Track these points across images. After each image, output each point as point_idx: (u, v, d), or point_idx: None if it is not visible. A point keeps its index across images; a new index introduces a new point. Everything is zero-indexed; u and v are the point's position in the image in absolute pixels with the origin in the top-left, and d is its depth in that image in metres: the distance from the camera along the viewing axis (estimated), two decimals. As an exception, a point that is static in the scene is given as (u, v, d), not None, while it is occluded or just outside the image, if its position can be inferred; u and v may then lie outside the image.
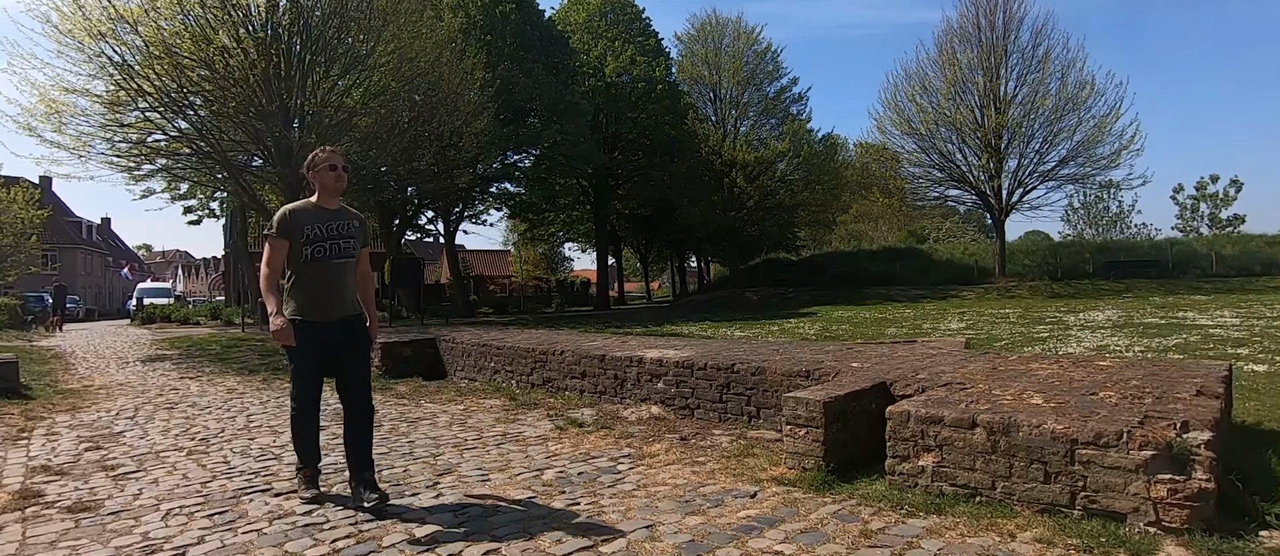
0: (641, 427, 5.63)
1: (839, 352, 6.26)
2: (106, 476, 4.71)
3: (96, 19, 14.04)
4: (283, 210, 3.75)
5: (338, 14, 16.60)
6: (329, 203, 3.82)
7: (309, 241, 3.67)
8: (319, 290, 3.70)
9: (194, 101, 16.06)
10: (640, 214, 39.81)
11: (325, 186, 3.80)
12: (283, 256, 3.70)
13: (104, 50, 14.39)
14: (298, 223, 3.68)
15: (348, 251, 3.79)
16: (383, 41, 17.22)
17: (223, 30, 15.34)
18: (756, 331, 17.76)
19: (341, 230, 3.77)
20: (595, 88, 32.03)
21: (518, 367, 8.20)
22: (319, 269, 3.70)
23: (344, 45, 17.05)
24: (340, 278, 3.76)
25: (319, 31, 16.70)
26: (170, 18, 14.72)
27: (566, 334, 9.58)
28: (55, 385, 9.75)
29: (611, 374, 6.88)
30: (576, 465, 4.46)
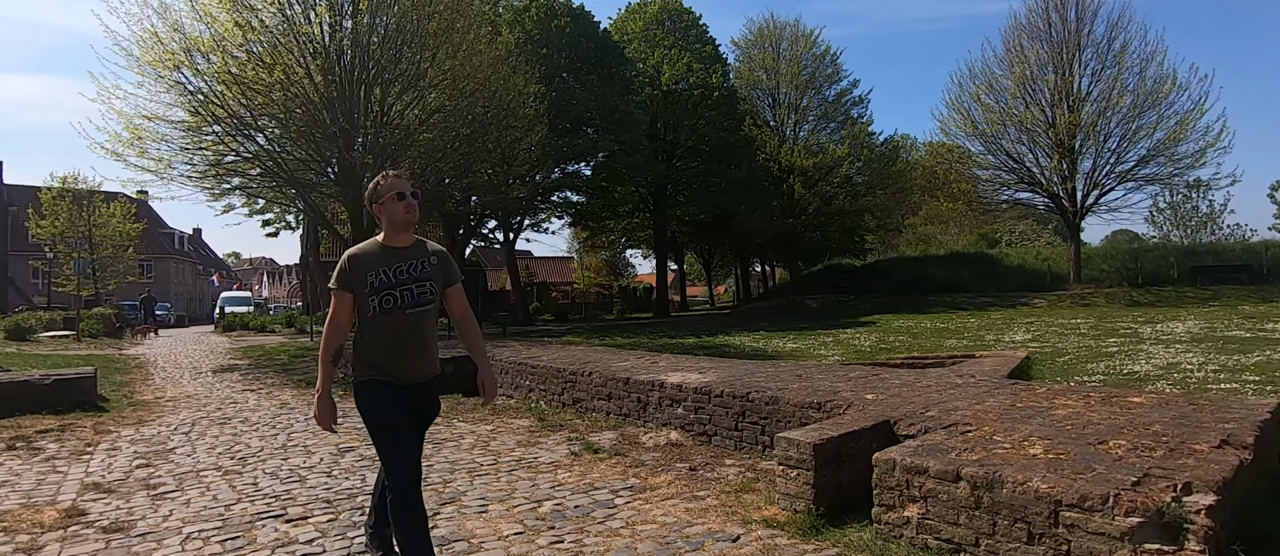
0: (656, 455, 5.64)
1: (861, 381, 6.12)
2: (147, 496, 5.01)
3: (172, 50, 14.96)
4: (344, 257, 3.10)
5: (395, 36, 17.20)
6: (399, 239, 3.12)
7: (374, 291, 3.00)
8: (391, 346, 3.03)
9: (263, 124, 16.91)
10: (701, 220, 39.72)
11: (393, 220, 3.09)
12: (347, 312, 3.09)
13: (180, 79, 15.32)
14: (359, 271, 3.03)
15: (424, 298, 3.07)
16: (437, 61, 17.73)
17: (286, 56, 16.08)
18: (808, 343, 17.48)
19: (414, 272, 3.07)
20: (651, 96, 32.16)
21: (550, 387, 8.32)
22: (390, 322, 3.02)
23: (401, 66, 17.63)
24: (416, 330, 3.07)
25: (377, 54, 17.35)
26: (237, 48, 15.53)
27: (600, 352, 9.66)
28: (130, 396, 10.39)
29: (635, 397, 6.91)
30: (577, 497, 4.51)
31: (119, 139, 15.65)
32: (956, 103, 29.65)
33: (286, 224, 35.99)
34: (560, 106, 27.70)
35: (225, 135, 16.63)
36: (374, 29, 17.25)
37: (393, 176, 3.17)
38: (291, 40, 16.33)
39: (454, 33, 17.97)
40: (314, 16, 16.16)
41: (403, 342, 3.04)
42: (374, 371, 3.05)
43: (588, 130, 28.07)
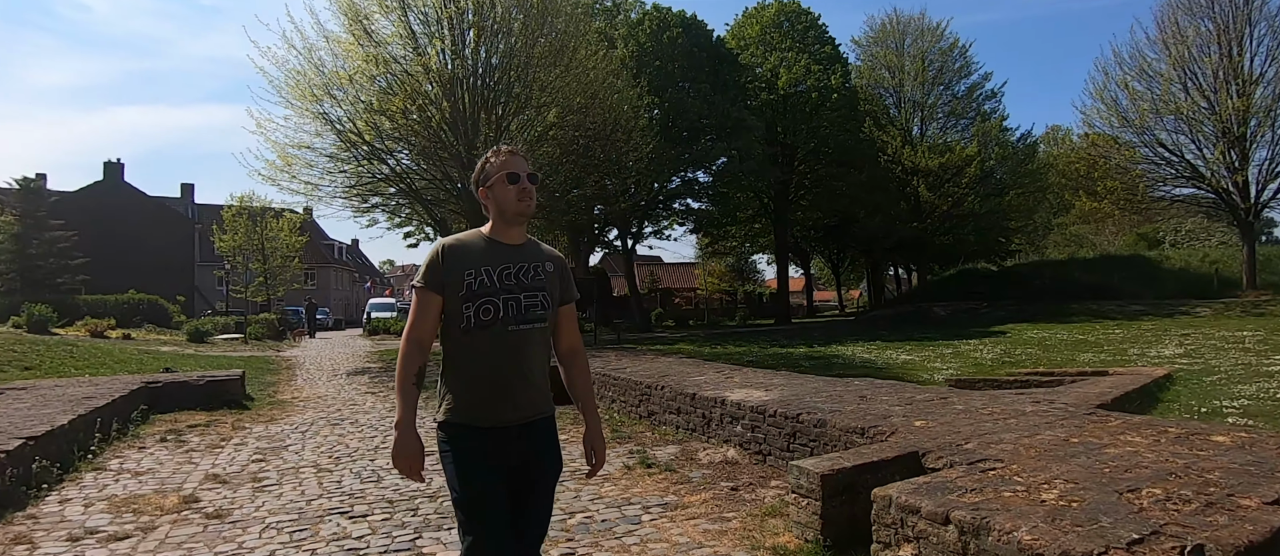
0: (707, 472, 5.72)
1: (925, 404, 5.91)
2: (250, 488, 5.70)
3: (315, 86, 16.61)
4: (436, 246, 2.40)
5: (509, 60, 18.16)
6: (509, 234, 2.41)
7: (471, 295, 2.29)
8: (487, 375, 2.29)
9: (393, 148, 18.40)
10: (825, 224, 38.82)
11: (503, 209, 2.39)
12: (433, 318, 2.35)
13: (323, 111, 16.98)
14: (455, 264, 2.32)
15: (535, 312, 2.35)
16: (551, 80, 18.51)
17: (411, 85, 17.41)
18: (923, 355, 16.72)
19: (527, 278, 2.36)
20: (767, 102, 31.84)
21: (628, 399, 8.55)
22: (487, 341, 2.29)
23: (514, 89, 18.57)
24: (521, 354, 2.31)
25: (494, 77, 18.39)
26: (369, 81, 17.01)
27: (680, 365, 9.78)
28: (272, 396, 11.63)
29: (701, 412, 7.00)
30: (609, 511, 4.70)
31: (273, 166, 17.56)
32: (1102, 92, 27.21)
33: (425, 235, 38.87)
34: (674, 116, 28.02)
35: (362, 159, 18.23)
36: (493, 52, 18.29)
37: (505, 153, 2.41)
38: (419, 70, 17.64)
39: (566, 52, 18.70)
40: (434, 48, 17.35)
41: (501, 370, 2.27)
42: (459, 410, 2.29)
43: (703, 139, 28.22)
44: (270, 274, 41.75)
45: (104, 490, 5.61)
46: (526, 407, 2.34)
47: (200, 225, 50.88)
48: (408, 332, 2.35)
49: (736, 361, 14.88)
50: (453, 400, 2.33)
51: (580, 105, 19.28)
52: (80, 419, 6.86)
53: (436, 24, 17.45)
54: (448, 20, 17.31)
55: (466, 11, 17.30)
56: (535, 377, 2.36)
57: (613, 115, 20.46)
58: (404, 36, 17.39)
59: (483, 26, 17.74)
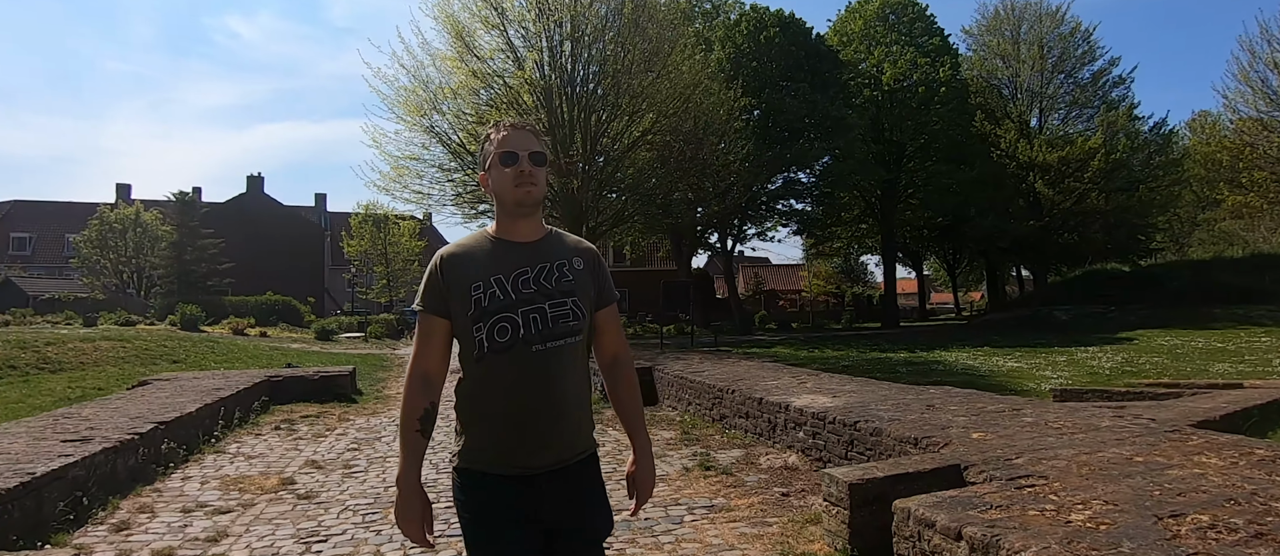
0: (764, 477, 5.76)
1: (993, 416, 5.70)
2: (341, 473, 6.24)
3: (423, 100, 17.68)
4: (435, 257, 1.94)
5: (604, 68, 18.62)
6: (518, 229, 1.93)
7: (482, 314, 1.83)
8: (510, 409, 1.83)
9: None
10: (937, 223, 37.26)
11: (501, 195, 1.91)
12: (439, 347, 1.92)
13: (430, 124, 18.05)
14: (458, 277, 1.86)
15: (564, 324, 1.88)
16: (646, 85, 18.81)
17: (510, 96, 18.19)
18: (1034, 362, 15.79)
19: (550, 282, 1.89)
20: (871, 98, 30.90)
21: (702, 402, 8.66)
22: (507, 368, 1.83)
23: (608, 97, 18.99)
24: (551, 379, 1.84)
25: (590, 85, 18.92)
26: (471, 93, 17.93)
27: (755, 370, 9.75)
28: (379, 391, 12.51)
29: (767, 418, 7.02)
30: (655, 511, 4.85)
31: (386, 176, 18.83)
32: (1247, 73, 24.59)
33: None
34: (773, 117, 27.73)
35: (467, 169, 19.21)
36: (590, 61, 18.80)
37: (505, 127, 1.92)
38: (518, 82, 18.40)
39: (659, 58, 18.95)
40: (531, 60, 18.04)
41: (527, 402, 1.80)
42: (477, 454, 1.86)
43: (802, 139, 27.77)
44: (392, 276, 44.59)
45: (219, 470, 6.30)
46: (561, 447, 1.84)
47: (329, 232, 54.90)
48: (411, 367, 1.91)
49: (829, 366, 14.62)
50: (468, 441, 1.87)
51: (675, 109, 19.48)
52: (207, 407, 7.71)
53: (535, 37, 18.13)
54: (544, 33, 17.95)
55: (563, 24, 17.89)
56: (570, 407, 1.85)
57: (707, 118, 20.52)
58: (504, 50, 18.19)
59: (578, 38, 18.29)
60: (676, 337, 26.53)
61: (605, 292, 2.01)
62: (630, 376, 2.07)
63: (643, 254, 41.81)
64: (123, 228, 38.92)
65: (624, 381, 2.07)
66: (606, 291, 2.02)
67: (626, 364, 2.07)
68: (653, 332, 27.44)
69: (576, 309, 1.90)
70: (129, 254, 39.16)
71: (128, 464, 5.65)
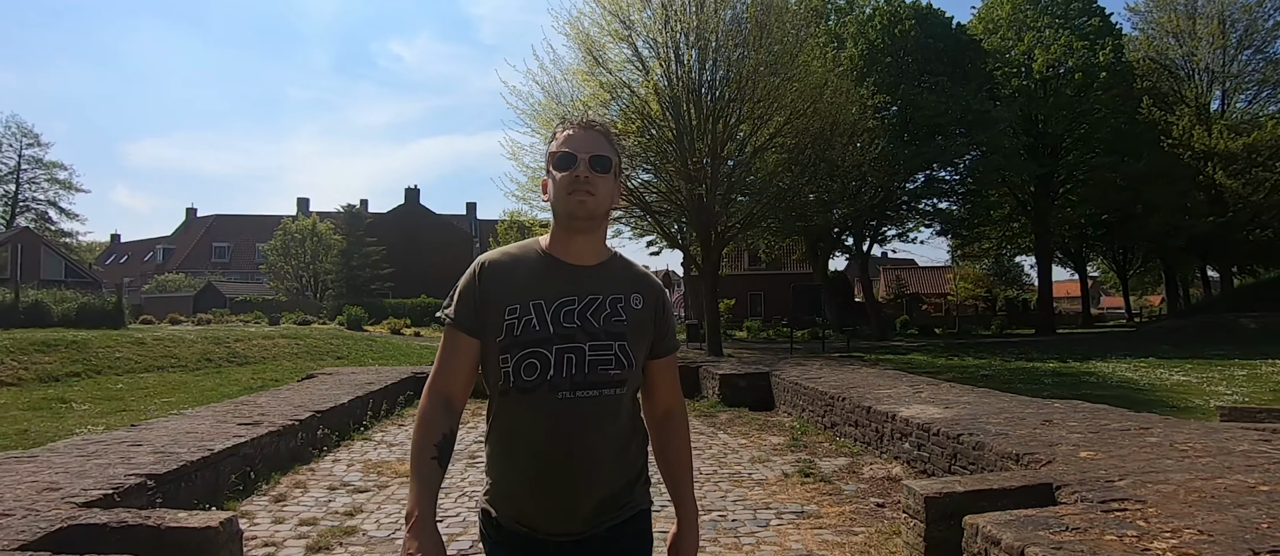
0: (863, 487, 5.74)
1: (1118, 434, 5.35)
2: (465, 463, 6.81)
3: (555, 112, 18.56)
4: (473, 266, 1.65)
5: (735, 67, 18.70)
6: (572, 247, 1.62)
7: (513, 343, 1.54)
8: (529, 463, 1.55)
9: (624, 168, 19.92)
10: (1101, 220, 34.20)
11: (556, 208, 1.61)
12: (464, 367, 1.61)
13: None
14: (496, 293, 1.58)
15: (604, 372, 1.56)
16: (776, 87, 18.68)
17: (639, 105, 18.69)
18: (1206, 376, 14.25)
19: (597, 320, 1.58)
20: (1021, 88, 28.83)
21: (815, 409, 8.63)
22: (529, 414, 1.54)
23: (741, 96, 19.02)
24: (580, 436, 1.54)
25: (721, 89, 19.06)
26: (601, 106, 18.62)
27: (871, 377, 9.53)
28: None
29: (874, 427, 6.94)
30: (745, 512, 4.99)
31: (523, 187, 19.94)
32: None
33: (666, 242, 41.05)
34: (911, 113, 26.62)
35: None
36: (719, 65, 18.95)
37: (569, 126, 1.62)
38: (646, 91, 18.88)
39: (787, 57, 18.77)
40: (658, 68, 18.47)
41: (548, 457, 1.53)
42: (497, 501, 1.62)
43: (942, 135, 26.43)
44: (535, 280, 46.84)
45: (364, 455, 7.08)
46: (589, 515, 1.55)
47: (478, 238, 58.43)
48: (429, 385, 1.62)
49: (965, 375, 13.96)
50: (492, 483, 1.62)
51: (805, 110, 19.22)
52: (358, 400, 8.63)
53: (661, 46, 18.54)
54: (670, 42, 18.32)
55: (689, 32, 18.17)
56: (601, 472, 1.55)
57: (839, 117, 20.05)
58: (632, 61, 18.73)
59: (704, 45, 18.50)
60: (807, 343, 26.12)
61: (665, 339, 1.69)
62: (682, 435, 1.76)
63: (777, 257, 41.27)
64: (301, 237, 43.51)
65: (675, 440, 1.75)
66: (667, 338, 1.70)
67: (680, 419, 1.77)
68: (784, 337, 27.15)
69: (623, 356, 1.56)
70: (307, 261, 43.71)
71: (289, 446, 6.51)
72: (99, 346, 14.94)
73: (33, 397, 10.90)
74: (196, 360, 15.74)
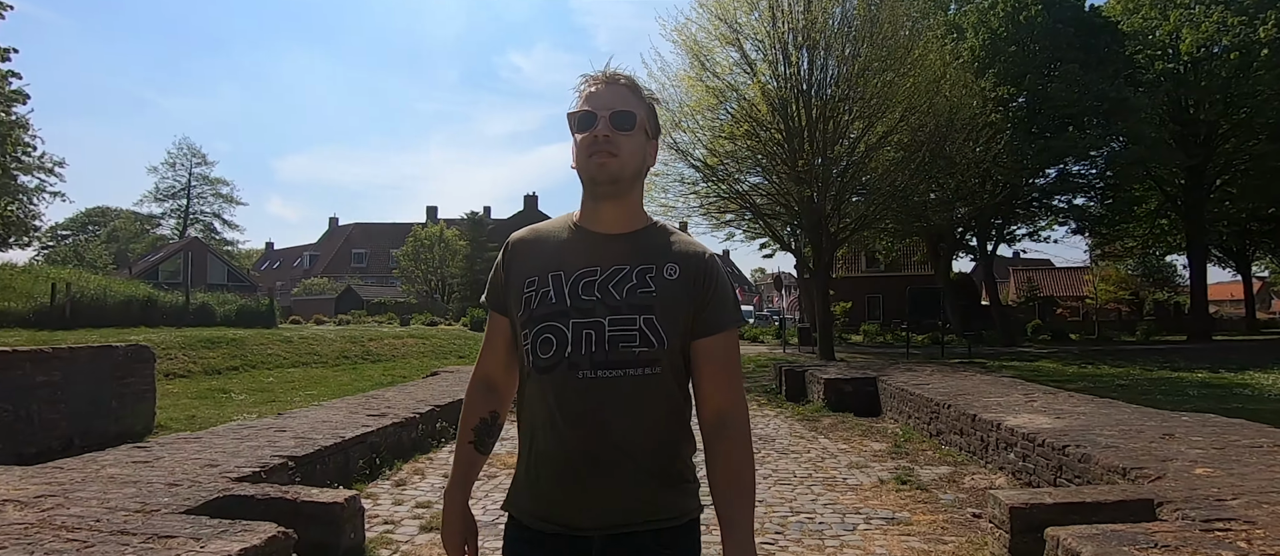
0: (961, 497, 5.62)
1: (1236, 450, 4.99)
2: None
3: (663, 119, 18.87)
4: (506, 242, 1.59)
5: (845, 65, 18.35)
6: (600, 215, 1.49)
7: (530, 318, 1.45)
8: (549, 448, 1.42)
9: (732, 171, 19.93)
10: (1268, 214, 30.86)
11: (579, 173, 1.47)
12: (500, 348, 1.57)
13: (671, 141, 19.17)
14: (520, 268, 1.51)
15: (628, 350, 1.39)
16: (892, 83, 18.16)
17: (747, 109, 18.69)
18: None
19: (620, 291, 1.42)
20: (1166, 71, 26.39)
21: (920, 416, 8.42)
22: (550, 394, 1.41)
23: (853, 94, 18.62)
24: (602, 419, 1.38)
25: (832, 88, 18.75)
26: (710, 111, 18.77)
27: (981, 384, 9.15)
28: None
29: (979, 436, 6.73)
30: (833, 517, 5.02)
31: (632, 191, 20.41)
32: None
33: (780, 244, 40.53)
34: (1037, 105, 25.06)
35: (707, 181, 20.10)
36: (835, 60, 18.64)
37: (590, 81, 1.50)
38: (754, 93, 18.86)
39: (900, 52, 18.20)
40: (765, 69, 18.41)
41: (568, 442, 1.39)
42: (519, 497, 1.48)
43: (1075, 126, 24.66)
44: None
45: (477, 451, 7.59)
46: (618, 509, 1.39)
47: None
48: (475, 369, 1.62)
49: (1097, 385, 13.09)
50: (515, 478, 1.50)
51: (922, 105, 18.56)
52: (473, 398, 9.22)
53: (768, 48, 18.46)
54: (778, 43, 18.21)
55: (797, 33, 17.99)
56: (628, 457, 1.38)
57: (957, 111, 19.20)
58: (739, 64, 18.76)
59: (813, 45, 18.27)
60: (926, 348, 25.12)
61: (709, 314, 1.43)
62: (739, 447, 1.42)
63: (896, 259, 39.81)
64: (430, 243, 46.27)
65: (726, 451, 1.42)
66: (711, 312, 1.43)
67: (735, 426, 1.43)
68: (902, 341, 26.24)
69: (650, 332, 1.38)
70: (435, 265, 46.44)
71: (410, 436, 7.10)
72: (254, 344, 16.61)
73: (200, 387, 12.33)
74: (335, 357, 17.22)
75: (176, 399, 10.84)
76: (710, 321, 1.45)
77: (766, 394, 12.57)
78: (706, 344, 1.45)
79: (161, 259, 46.87)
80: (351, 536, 3.98)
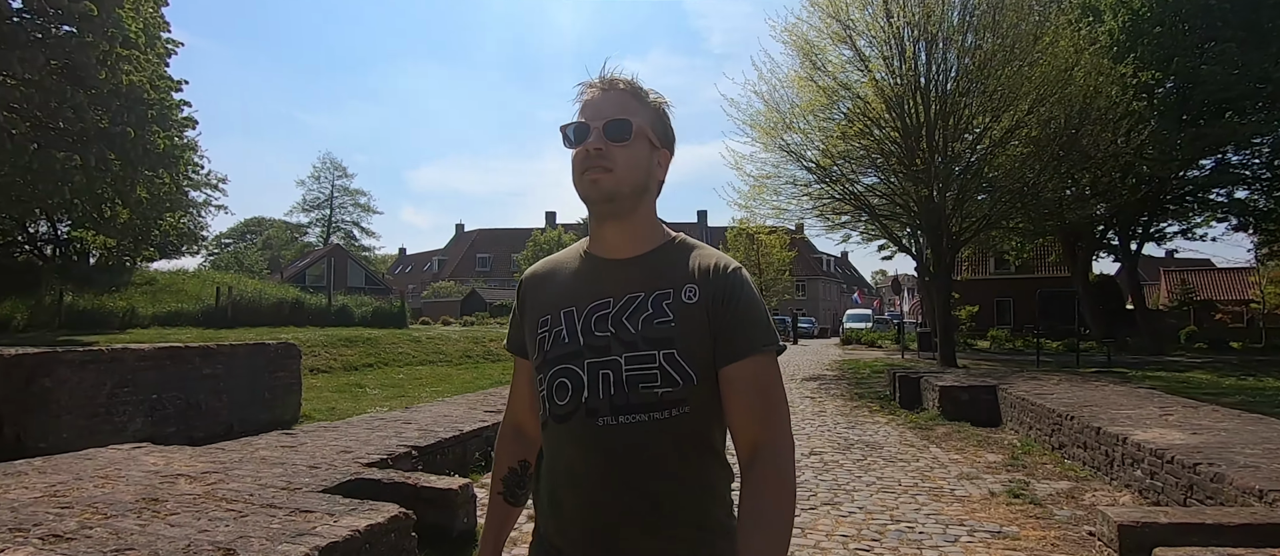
0: (1078, 513, 5.34)
1: None
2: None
3: (776, 121, 18.75)
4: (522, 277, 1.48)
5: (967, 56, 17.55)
6: (606, 237, 1.36)
7: (543, 361, 1.33)
8: (572, 502, 1.29)
9: (846, 171, 19.48)
10: None
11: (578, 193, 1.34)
12: (523, 391, 1.49)
13: (783, 143, 19.02)
14: (533, 304, 1.41)
15: (648, 391, 1.24)
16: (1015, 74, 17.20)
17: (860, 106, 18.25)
18: None
19: (634, 323, 1.27)
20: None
21: (1042, 427, 8.01)
22: (564, 443, 1.29)
23: (975, 88, 17.78)
24: (618, 470, 1.24)
25: (953, 82, 18.00)
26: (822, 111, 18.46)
27: (1114, 395, 8.55)
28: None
29: (1103, 450, 6.35)
30: (935, 527, 4.92)
31: (744, 195, 20.38)
32: None
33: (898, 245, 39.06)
34: (1189, 89, 22.88)
35: (820, 182, 19.76)
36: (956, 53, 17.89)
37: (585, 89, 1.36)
38: (868, 91, 18.38)
39: (1025, 42, 17.20)
40: (879, 66, 17.91)
41: (593, 497, 1.27)
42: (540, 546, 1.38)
43: (1234, 112, 22.33)
44: (764, 286, 47.04)
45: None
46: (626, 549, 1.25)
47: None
48: (505, 414, 1.53)
49: (1257, 400, 11.87)
50: (538, 523, 1.39)
51: (1053, 94, 17.44)
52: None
53: (882, 44, 17.95)
54: (893, 38, 17.67)
55: (913, 26, 17.38)
56: (661, 512, 1.24)
57: (1093, 100, 17.88)
58: (853, 62, 18.35)
59: (932, 38, 17.59)
60: (1060, 355, 23.53)
61: (735, 339, 1.26)
62: (770, 480, 1.20)
63: (1027, 260, 37.40)
64: (549, 247, 47.87)
65: (756, 482, 1.20)
66: (737, 337, 1.26)
67: (771, 461, 1.21)
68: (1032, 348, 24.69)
69: (671, 369, 1.23)
70: (552, 268, 47.93)
71: (522, 434, 7.51)
72: (386, 342, 17.89)
73: (339, 382, 13.44)
74: (459, 356, 18.25)
75: (319, 392, 11.88)
76: (736, 346, 1.25)
77: (879, 400, 12.27)
78: (733, 372, 1.25)
79: (308, 264, 51.18)
80: (464, 520, 4.32)
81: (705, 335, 1.26)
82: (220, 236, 69.60)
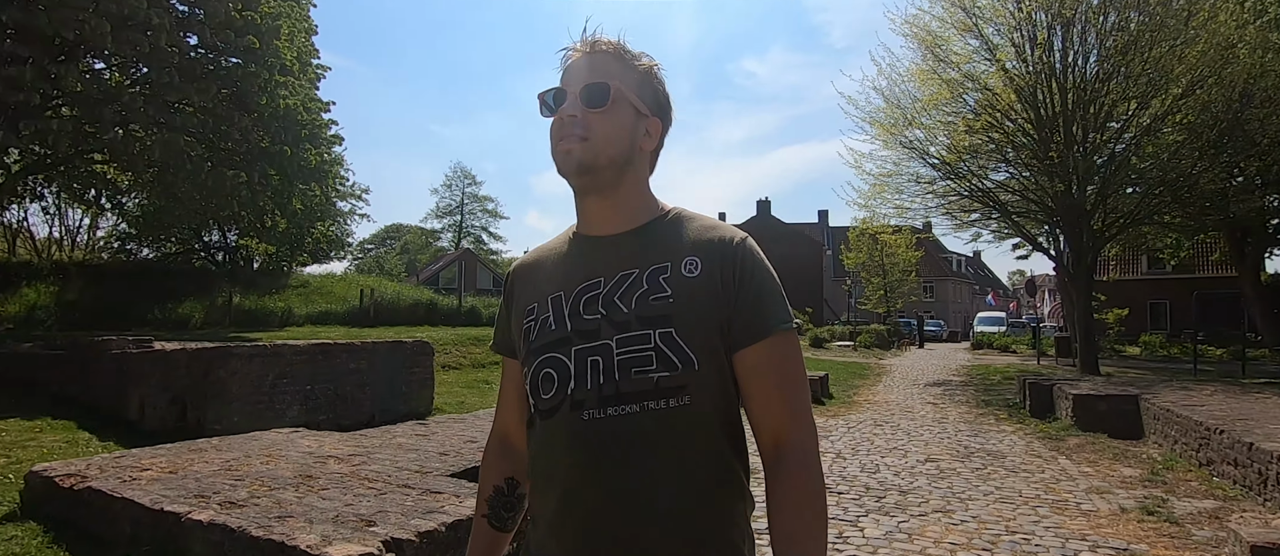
0: (1220, 534, 4.96)
1: None
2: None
3: (897, 117, 18.18)
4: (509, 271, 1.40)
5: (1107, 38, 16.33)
6: (591, 216, 1.25)
7: (529, 352, 1.20)
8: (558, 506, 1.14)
9: (975, 166, 18.58)
10: None
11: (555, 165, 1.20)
12: (511, 397, 1.38)
13: (904, 140, 18.40)
14: (521, 296, 1.29)
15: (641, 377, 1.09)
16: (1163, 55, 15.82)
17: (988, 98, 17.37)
18: None
19: (625, 303, 1.13)
20: None
21: (1188, 441, 7.42)
22: (551, 440, 1.15)
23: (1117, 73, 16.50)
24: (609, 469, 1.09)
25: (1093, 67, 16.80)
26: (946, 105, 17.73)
27: (1274, 408, 7.75)
28: (849, 397, 13.52)
29: (1255, 467, 5.83)
30: (1054, 540, 4.72)
31: (864, 194, 19.89)
32: None
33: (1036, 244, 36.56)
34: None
35: (945, 178, 18.96)
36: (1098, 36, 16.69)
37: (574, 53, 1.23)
38: (997, 82, 17.46)
39: (1175, 20, 15.75)
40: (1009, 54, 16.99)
41: (578, 495, 1.12)
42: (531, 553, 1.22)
43: None
44: (889, 287, 45.39)
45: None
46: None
47: (829, 247, 58.59)
48: (492, 426, 1.42)
49: None
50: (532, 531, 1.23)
51: (1209, 77, 15.88)
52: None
53: (1013, 31, 17.01)
54: (1024, 24, 16.71)
55: (1048, 7, 16.33)
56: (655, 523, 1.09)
57: (1258, 79, 16.09)
58: (979, 52, 17.50)
59: (1068, 21, 16.49)
60: (1224, 364, 21.33)
61: (750, 318, 1.14)
62: (799, 482, 1.09)
63: (1186, 258, 34.01)
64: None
65: (785, 490, 1.09)
66: (752, 315, 1.14)
67: (803, 462, 1.10)
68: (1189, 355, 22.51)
69: (669, 350, 1.10)
70: (670, 270, 48.19)
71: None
72: (512, 342, 18.78)
73: (468, 378, 14.29)
74: (579, 356, 18.84)
75: (450, 387, 12.70)
76: (751, 325, 1.12)
77: (1008, 408, 11.69)
78: (749, 355, 1.12)
79: (440, 268, 54.26)
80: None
81: (709, 314, 1.12)
82: (363, 242, 75.02)
